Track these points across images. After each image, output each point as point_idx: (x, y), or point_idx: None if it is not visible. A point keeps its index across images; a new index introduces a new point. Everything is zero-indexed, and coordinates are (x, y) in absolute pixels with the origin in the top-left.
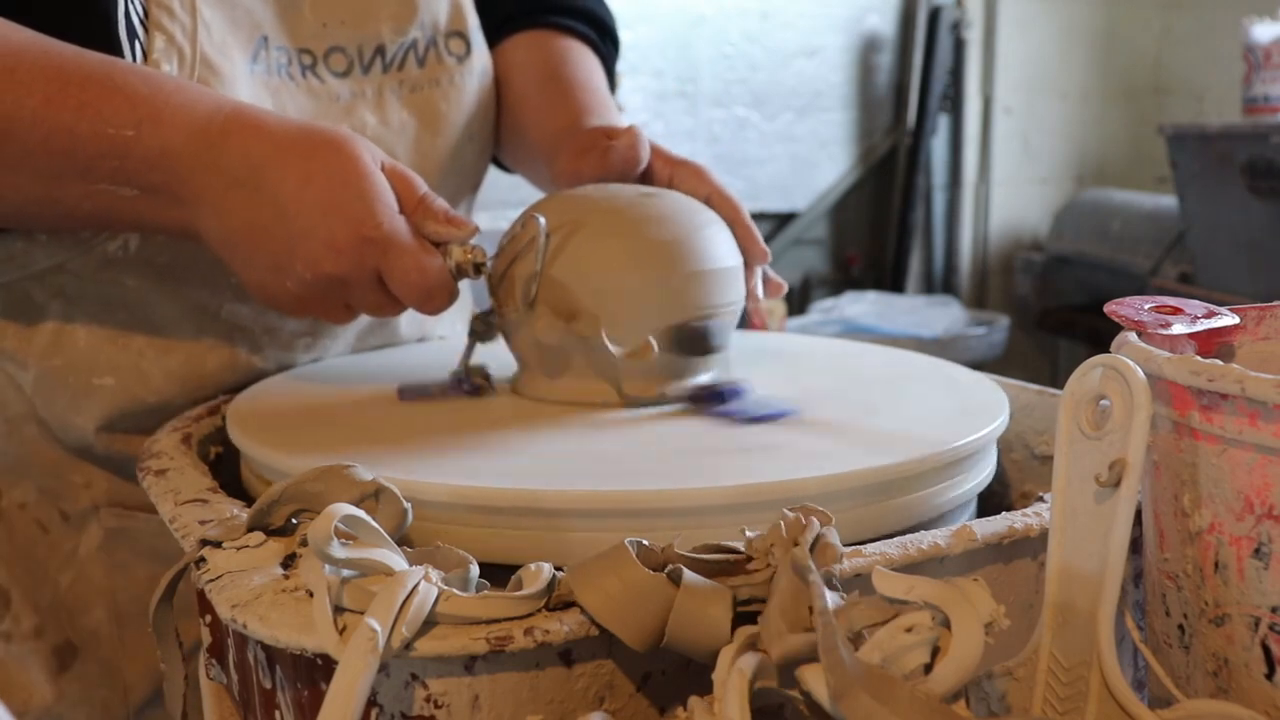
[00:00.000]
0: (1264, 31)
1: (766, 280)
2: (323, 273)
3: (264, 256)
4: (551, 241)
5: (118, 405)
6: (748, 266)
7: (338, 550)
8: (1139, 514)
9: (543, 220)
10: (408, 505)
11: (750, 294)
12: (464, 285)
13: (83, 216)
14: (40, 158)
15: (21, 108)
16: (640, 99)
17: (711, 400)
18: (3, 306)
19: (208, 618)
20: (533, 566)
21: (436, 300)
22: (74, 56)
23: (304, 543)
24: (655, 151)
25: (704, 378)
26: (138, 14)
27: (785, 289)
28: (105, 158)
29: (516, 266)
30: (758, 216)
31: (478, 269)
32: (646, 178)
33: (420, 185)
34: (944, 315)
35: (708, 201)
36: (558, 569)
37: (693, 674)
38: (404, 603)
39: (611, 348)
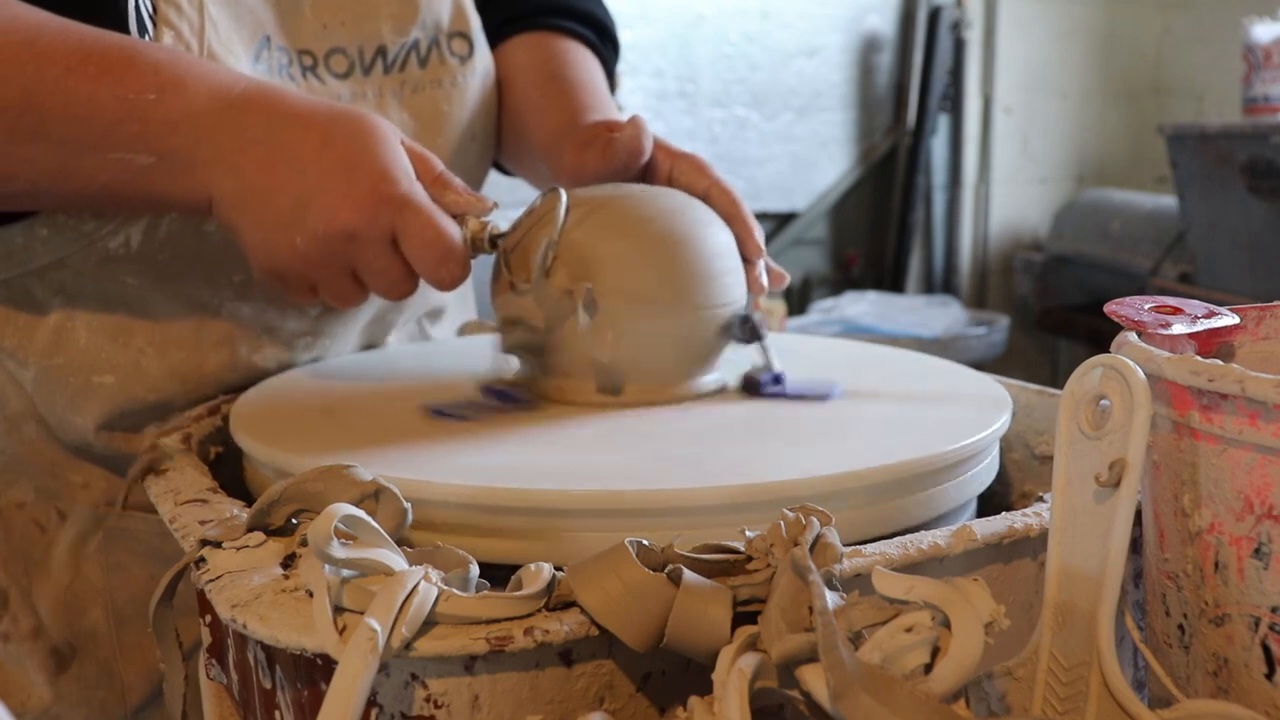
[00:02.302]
0: (1264, 31)
1: (769, 271)
2: (336, 226)
3: (275, 212)
4: (571, 216)
5: (117, 403)
6: (746, 262)
7: (338, 550)
8: (1139, 514)
9: (564, 193)
10: (408, 505)
11: (754, 284)
12: (466, 292)
13: (95, 191)
14: (59, 126)
15: (43, 77)
16: (640, 99)
17: (763, 384)
18: (3, 303)
19: (208, 618)
20: (533, 566)
21: (450, 266)
22: (93, 31)
23: (304, 543)
24: (656, 144)
25: (709, 378)
26: (147, 9)
27: (787, 279)
28: (125, 122)
29: (534, 235)
30: (758, 216)
31: (493, 242)
32: (648, 170)
33: (438, 164)
34: (944, 315)
35: (707, 194)
36: (558, 569)
37: (693, 674)
38: (404, 603)
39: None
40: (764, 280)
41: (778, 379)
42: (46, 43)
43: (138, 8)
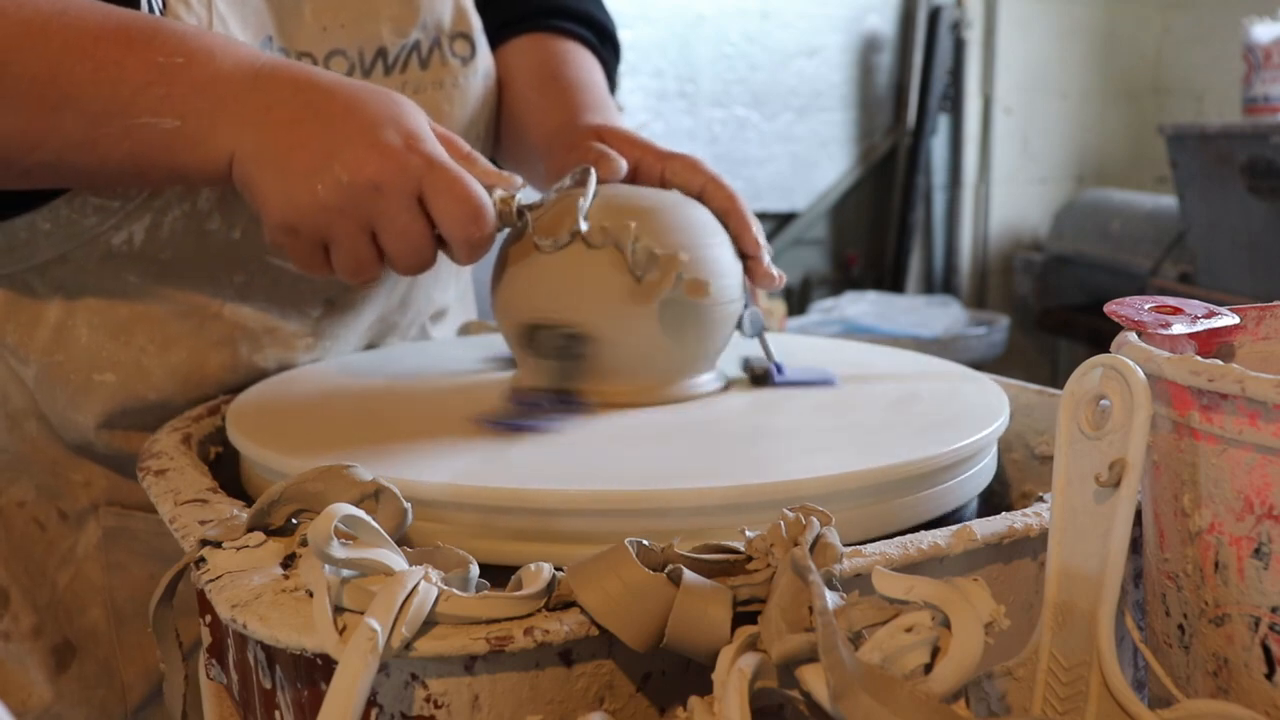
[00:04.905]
0: (1264, 31)
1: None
2: (363, 176)
3: (299, 161)
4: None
5: (118, 401)
6: (746, 256)
7: (338, 550)
8: (1139, 514)
9: (594, 170)
10: (408, 505)
11: (761, 277)
12: (466, 292)
13: (118, 160)
14: (87, 92)
15: (70, 45)
16: (640, 99)
17: (769, 375)
18: (5, 300)
19: (208, 618)
20: (532, 566)
21: (480, 225)
22: (116, 8)
23: (304, 543)
24: (646, 149)
25: (709, 377)
26: (157, 4)
27: (783, 279)
28: (153, 85)
29: (565, 202)
30: (758, 216)
31: (520, 213)
32: (638, 175)
33: (464, 144)
34: (944, 315)
35: (703, 191)
36: (558, 569)
37: (693, 674)
38: (404, 603)
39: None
40: (773, 271)
41: (780, 369)
42: (75, 14)
43: (149, 2)
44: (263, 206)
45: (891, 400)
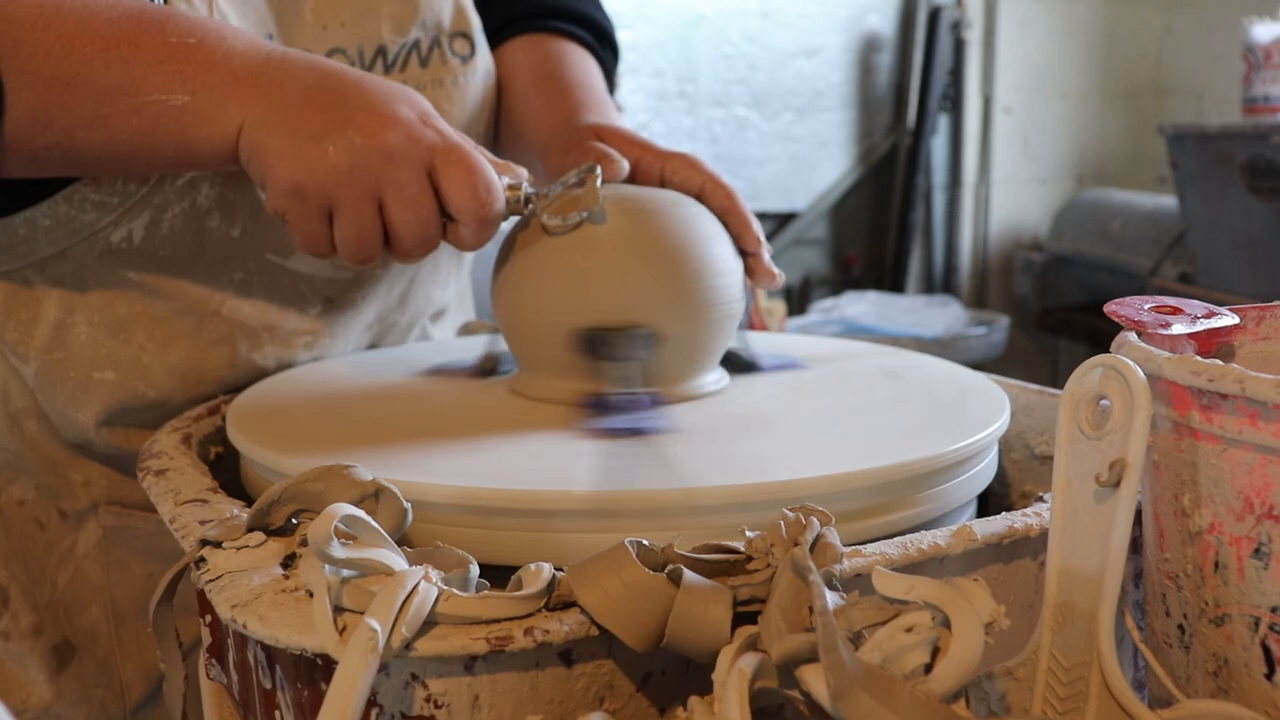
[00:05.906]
0: (1264, 31)
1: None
2: (376, 141)
3: (312, 124)
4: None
5: (118, 399)
6: (746, 254)
7: (338, 550)
8: (1139, 514)
9: (599, 166)
10: (408, 505)
11: (763, 275)
12: (465, 292)
13: (126, 139)
14: (98, 69)
15: (82, 28)
16: (640, 99)
17: (595, 409)
18: (5, 297)
19: (208, 618)
20: (533, 566)
21: (491, 201)
22: None
23: (304, 543)
24: (645, 148)
25: (709, 378)
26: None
27: (782, 278)
28: (165, 63)
29: (570, 194)
30: (758, 216)
31: (526, 201)
32: (637, 174)
33: (470, 142)
34: (944, 315)
35: (701, 190)
36: (558, 569)
37: (693, 674)
38: (404, 603)
39: None
40: (773, 268)
41: (631, 404)
42: None
43: None
44: (270, 169)
45: (892, 400)
